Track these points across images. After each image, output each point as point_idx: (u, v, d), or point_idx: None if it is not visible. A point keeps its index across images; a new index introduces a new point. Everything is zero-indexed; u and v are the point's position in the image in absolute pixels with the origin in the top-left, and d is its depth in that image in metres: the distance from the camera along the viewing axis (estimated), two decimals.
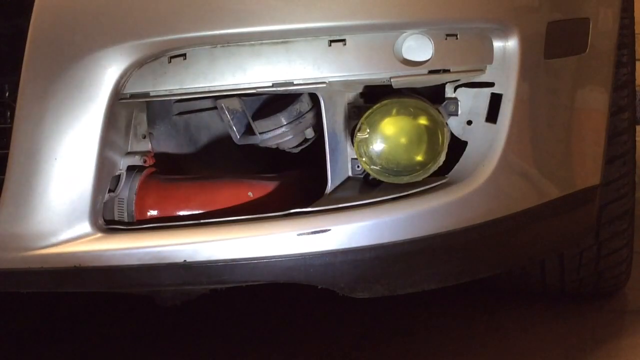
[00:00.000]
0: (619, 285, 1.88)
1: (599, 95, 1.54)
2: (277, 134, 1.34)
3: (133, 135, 1.34)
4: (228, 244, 1.24)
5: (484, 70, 1.31)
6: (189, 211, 1.32)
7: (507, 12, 1.30)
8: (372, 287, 1.31)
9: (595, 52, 1.49)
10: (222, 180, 1.36)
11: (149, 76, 1.23)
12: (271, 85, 1.24)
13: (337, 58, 1.23)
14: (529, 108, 1.35)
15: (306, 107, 1.34)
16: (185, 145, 1.44)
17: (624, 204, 1.72)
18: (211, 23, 1.19)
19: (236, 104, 1.35)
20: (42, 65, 1.19)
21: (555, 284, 1.82)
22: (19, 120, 1.20)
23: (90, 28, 1.18)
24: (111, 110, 1.21)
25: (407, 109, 1.30)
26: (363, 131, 1.29)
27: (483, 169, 1.31)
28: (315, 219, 1.25)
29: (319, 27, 1.21)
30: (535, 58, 1.34)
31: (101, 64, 1.19)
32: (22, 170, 1.21)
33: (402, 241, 1.28)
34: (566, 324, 1.80)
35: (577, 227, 1.55)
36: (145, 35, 1.18)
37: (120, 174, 1.31)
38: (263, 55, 1.22)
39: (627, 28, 1.68)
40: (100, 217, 1.26)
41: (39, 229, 1.22)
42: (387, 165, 1.30)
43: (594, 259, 1.76)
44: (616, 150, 1.66)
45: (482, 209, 1.32)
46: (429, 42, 1.24)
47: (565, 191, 1.47)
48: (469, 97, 1.34)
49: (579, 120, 1.49)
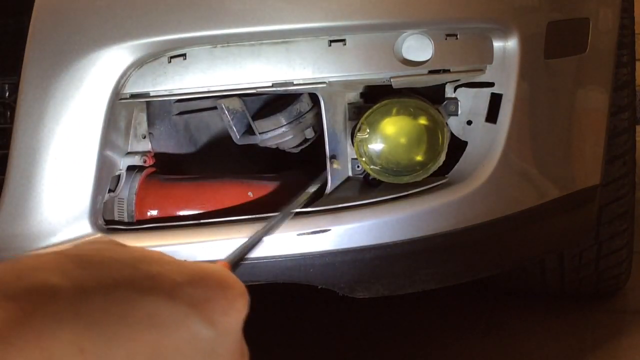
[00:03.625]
0: (619, 285, 1.88)
1: (599, 95, 1.54)
2: (277, 134, 1.34)
3: (133, 135, 1.34)
4: (228, 244, 1.24)
5: (484, 70, 1.31)
6: (189, 211, 1.32)
7: (507, 12, 1.30)
8: (372, 287, 1.31)
9: (595, 52, 1.49)
10: (222, 180, 1.36)
11: (149, 76, 1.23)
12: (271, 85, 1.24)
13: (337, 58, 1.23)
14: (529, 108, 1.35)
15: (306, 107, 1.34)
16: (185, 145, 1.44)
17: (624, 204, 1.72)
18: (211, 23, 1.19)
19: (236, 104, 1.35)
20: (42, 65, 1.19)
21: (555, 284, 1.82)
22: (19, 120, 1.20)
23: (90, 28, 1.18)
24: (111, 110, 1.21)
25: (407, 109, 1.30)
26: (363, 131, 1.29)
27: (483, 169, 1.31)
28: (315, 219, 1.25)
29: (319, 27, 1.21)
30: (535, 58, 1.34)
31: (101, 64, 1.19)
32: (22, 170, 1.21)
33: (402, 241, 1.28)
34: (566, 324, 1.80)
35: (577, 227, 1.55)
36: (145, 35, 1.18)
37: (120, 174, 1.31)
38: (263, 55, 1.22)
39: (627, 28, 1.68)
40: (100, 217, 1.26)
41: (39, 229, 1.22)
42: (387, 165, 1.30)
43: (594, 259, 1.76)
44: (616, 150, 1.66)
45: (482, 209, 1.32)
46: (429, 42, 1.24)
47: (565, 191, 1.47)
48: (469, 97, 1.34)
49: (579, 120, 1.49)
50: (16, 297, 0.35)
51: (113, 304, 0.36)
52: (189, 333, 0.38)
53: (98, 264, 0.38)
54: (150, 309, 0.37)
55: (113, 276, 0.37)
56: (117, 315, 0.36)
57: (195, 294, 0.39)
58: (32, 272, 0.36)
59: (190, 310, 0.39)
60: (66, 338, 0.34)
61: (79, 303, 0.35)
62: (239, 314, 0.42)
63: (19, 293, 0.35)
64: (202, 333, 0.39)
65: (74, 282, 0.36)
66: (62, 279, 0.36)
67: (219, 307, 0.40)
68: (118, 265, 0.38)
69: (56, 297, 0.35)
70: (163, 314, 0.37)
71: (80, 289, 0.36)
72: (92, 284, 0.36)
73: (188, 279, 0.39)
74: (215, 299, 0.40)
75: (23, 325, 0.34)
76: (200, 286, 0.40)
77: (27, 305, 0.34)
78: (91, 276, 0.37)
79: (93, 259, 0.38)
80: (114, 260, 0.38)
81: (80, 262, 0.37)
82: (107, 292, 0.36)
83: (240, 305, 0.41)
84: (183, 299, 0.38)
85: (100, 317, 0.35)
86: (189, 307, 0.39)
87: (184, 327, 0.38)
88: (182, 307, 0.38)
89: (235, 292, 0.41)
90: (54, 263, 0.37)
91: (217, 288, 0.40)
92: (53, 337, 0.34)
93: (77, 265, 0.37)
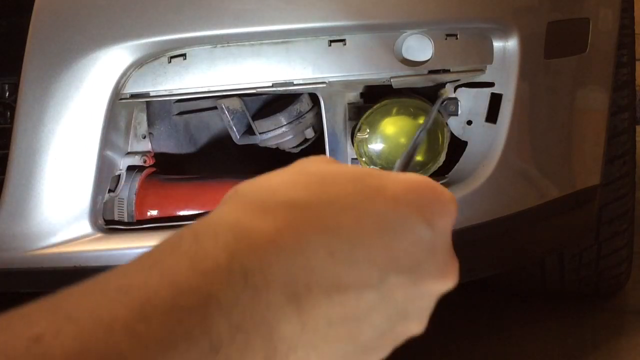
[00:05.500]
0: (619, 285, 1.88)
1: (599, 95, 1.54)
2: (277, 134, 1.34)
3: (133, 135, 1.34)
4: None
5: (484, 70, 1.31)
6: (189, 211, 1.32)
7: (507, 12, 1.30)
8: None
9: (595, 52, 1.49)
10: (222, 180, 1.35)
11: (149, 76, 1.23)
12: (271, 85, 1.24)
13: (337, 58, 1.23)
14: (529, 108, 1.35)
15: (306, 107, 1.34)
16: (185, 145, 1.44)
17: (624, 204, 1.72)
18: (211, 23, 1.19)
19: (236, 104, 1.35)
20: (42, 65, 1.19)
21: (555, 284, 1.82)
22: (19, 120, 1.20)
23: (90, 28, 1.18)
24: (111, 110, 1.21)
25: (407, 109, 1.30)
26: (363, 131, 1.29)
27: (483, 169, 1.31)
28: None
29: (319, 27, 1.21)
30: (535, 58, 1.34)
31: (101, 64, 1.19)
32: (22, 170, 1.21)
33: None
34: (566, 324, 1.80)
35: (577, 227, 1.55)
36: (145, 35, 1.18)
37: (120, 174, 1.31)
38: (263, 55, 1.22)
39: (627, 28, 1.68)
40: (100, 217, 1.26)
41: (39, 229, 1.22)
42: (387, 165, 1.30)
43: (594, 259, 1.76)
44: (616, 150, 1.66)
45: (482, 209, 1.32)
46: (429, 42, 1.24)
47: (565, 191, 1.47)
48: (469, 97, 1.34)
49: (579, 120, 1.49)
50: (276, 211, 0.41)
51: (350, 214, 0.41)
52: (413, 235, 0.43)
53: (331, 178, 0.43)
54: (380, 216, 0.42)
55: (347, 190, 0.42)
56: (355, 224, 0.41)
57: (415, 200, 0.44)
58: (284, 190, 0.42)
59: (413, 215, 0.43)
60: (319, 243, 0.40)
61: (325, 214, 0.41)
62: (451, 216, 0.47)
63: (278, 207, 0.41)
64: (423, 234, 0.44)
65: (318, 197, 0.42)
66: (308, 195, 0.42)
67: (435, 210, 0.45)
68: (346, 180, 0.43)
69: (307, 210, 0.41)
70: (391, 219, 0.42)
71: (325, 202, 0.41)
72: (331, 197, 0.42)
73: (406, 187, 0.44)
74: (432, 204, 0.45)
75: (283, 235, 0.39)
76: (417, 193, 0.44)
77: (286, 217, 0.40)
78: (330, 191, 0.42)
79: (327, 177, 0.43)
80: (342, 176, 0.44)
81: (318, 179, 0.43)
82: (344, 205, 0.42)
83: (452, 208, 0.47)
84: (406, 205, 0.43)
85: (343, 225, 0.41)
86: (411, 212, 0.43)
87: (409, 229, 0.43)
88: (405, 212, 0.43)
89: (447, 197, 0.47)
90: (300, 181, 0.43)
91: (431, 194, 0.45)
92: (308, 243, 0.40)
93: (316, 181, 0.43)
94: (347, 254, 0.41)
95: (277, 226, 0.40)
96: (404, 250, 0.43)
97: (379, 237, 0.42)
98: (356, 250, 0.41)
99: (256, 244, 0.39)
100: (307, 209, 0.41)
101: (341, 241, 0.41)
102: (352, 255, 0.41)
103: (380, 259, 0.42)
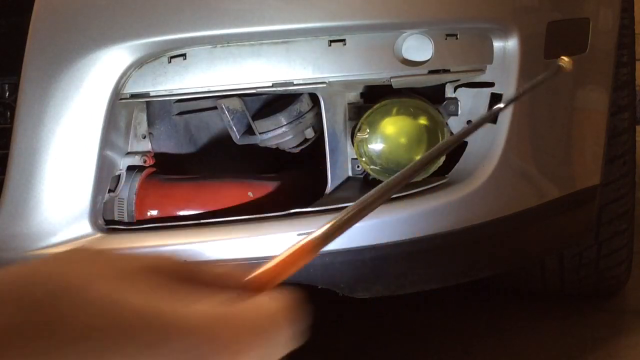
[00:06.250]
0: (619, 285, 1.88)
1: (599, 95, 1.54)
2: (277, 134, 1.34)
3: (133, 135, 1.34)
4: (228, 244, 1.24)
5: (484, 70, 1.31)
6: (189, 211, 1.32)
7: (507, 12, 1.30)
8: (372, 287, 1.31)
9: (595, 52, 1.49)
10: (222, 180, 1.35)
11: (149, 76, 1.23)
12: (271, 85, 1.24)
13: (337, 58, 1.23)
14: (529, 108, 1.35)
15: (306, 107, 1.34)
16: (185, 145, 1.44)
17: (624, 204, 1.72)
18: (211, 23, 1.19)
19: (236, 104, 1.35)
20: (42, 65, 1.19)
21: (555, 284, 1.82)
22: (19, 120, 1.20)
23: (90, 28, 1.18)
24: (111, 110, 1.21)
25: (407, 109, 1.30)
26: (363, 131, 1.29)
27: (483, 169, 1.31)
28: (315, 219, 1.25)
29: (319, 27, 1.21)
30: (535, 58, 1.34)
31: (101, 64, 1.19)
32: (22, 170, 1.21)
33: (402, 241, 1.28)
34: (566, 324, 1.80)
35: (577, 227, 1.55)
36: (145, 35, 1.18)
37: (120, 174, 1.31)
38: (263, 55, 1.22)
39: (627, 28, 1.68)
40: (100, 217, 1.26)
41: (39, 229, 1.22)
42: (387, 165, 1.30)
43: (594, 259, 1.76)
44: (616, 150, 1.66)
45: (482, 209, 1.32)
46: (429, 42, 1.24)
47: (565, 191, 1.47)
48: (469, 97, 1.34)
49: (579, 120, 1.49)
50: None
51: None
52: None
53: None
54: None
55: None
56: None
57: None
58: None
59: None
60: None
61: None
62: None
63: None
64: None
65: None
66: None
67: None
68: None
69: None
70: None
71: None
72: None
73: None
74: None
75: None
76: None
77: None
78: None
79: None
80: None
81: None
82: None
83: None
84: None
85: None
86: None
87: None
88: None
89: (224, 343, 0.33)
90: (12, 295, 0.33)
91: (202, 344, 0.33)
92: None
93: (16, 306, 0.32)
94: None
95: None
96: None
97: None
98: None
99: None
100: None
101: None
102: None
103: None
